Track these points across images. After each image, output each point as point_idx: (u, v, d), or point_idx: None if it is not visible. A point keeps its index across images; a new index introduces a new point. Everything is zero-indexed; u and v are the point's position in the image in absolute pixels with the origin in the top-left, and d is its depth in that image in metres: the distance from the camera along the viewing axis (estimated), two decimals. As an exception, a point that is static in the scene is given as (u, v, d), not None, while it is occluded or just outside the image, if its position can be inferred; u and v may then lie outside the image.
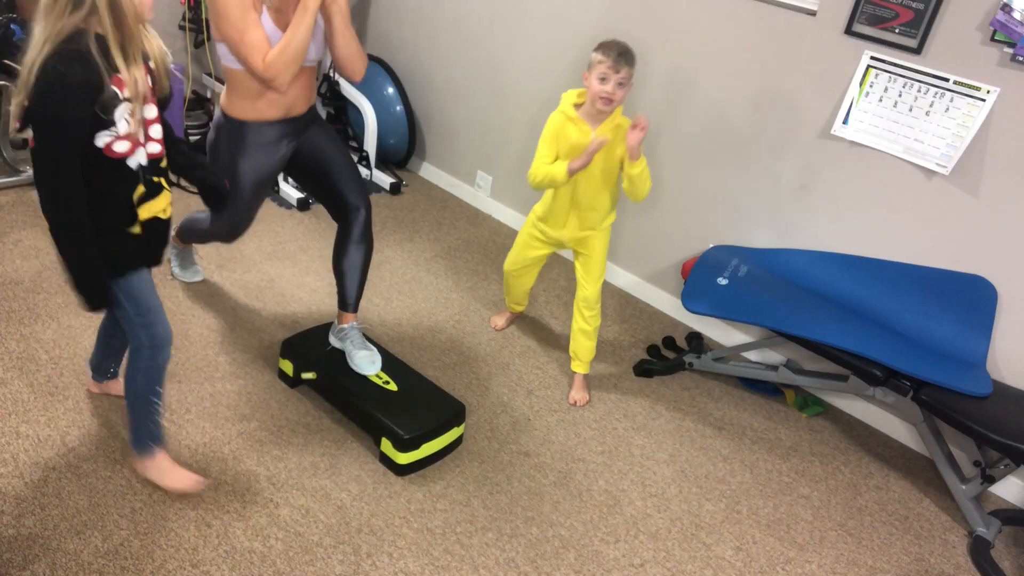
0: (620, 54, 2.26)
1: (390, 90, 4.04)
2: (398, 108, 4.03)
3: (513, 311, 3.03)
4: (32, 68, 1.46)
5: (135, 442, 1.95)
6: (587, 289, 2.60)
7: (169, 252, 2.67)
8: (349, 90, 4.01)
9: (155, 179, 1.75)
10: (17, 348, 2.39)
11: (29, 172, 3.34)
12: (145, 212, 1.75)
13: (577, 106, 2.38)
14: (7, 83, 3.17)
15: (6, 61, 3.08)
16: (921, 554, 2.27)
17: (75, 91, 1.49)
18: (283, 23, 2.09)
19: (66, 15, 1.46)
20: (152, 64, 1.67)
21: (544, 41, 3.46)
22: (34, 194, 3.25)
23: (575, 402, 2.66)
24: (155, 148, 1.72)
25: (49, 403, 2.21)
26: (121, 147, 1.63)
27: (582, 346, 2.65)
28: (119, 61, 1.53)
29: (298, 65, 2.09)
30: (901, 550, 2.27)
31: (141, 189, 1.72)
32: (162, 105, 1.74)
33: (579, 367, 2.68)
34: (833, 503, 2.41)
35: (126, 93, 1.57)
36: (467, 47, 3.81)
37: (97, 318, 2.54)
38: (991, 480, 2.39)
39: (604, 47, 2.27)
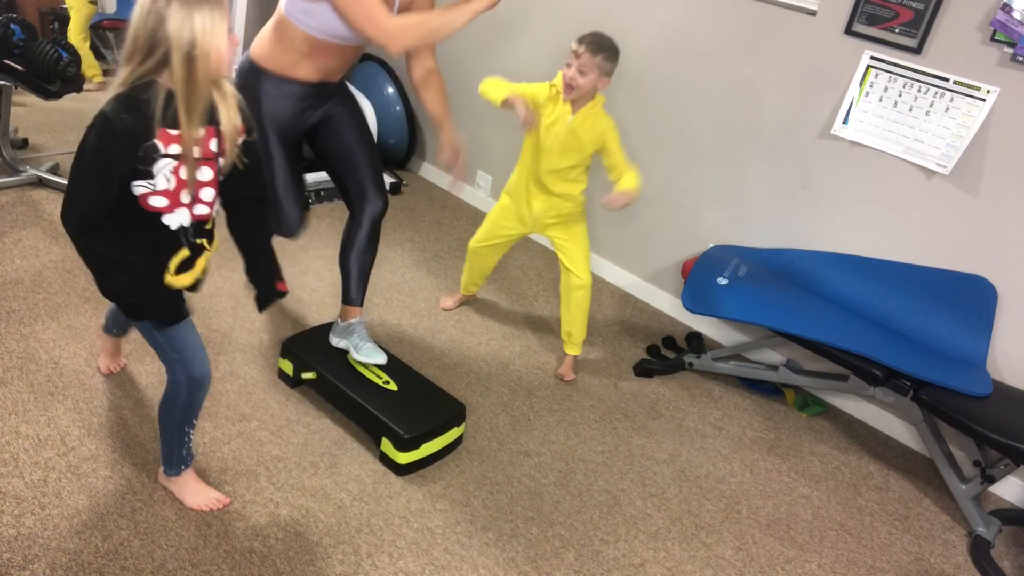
0: (584, 40, 2.34)
1: (390, 90, 4.04)
2: (398, 108, 4.03)
3: (466, 293, 3.06)
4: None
5: (165, 462, 1.95)
6: (580, 278, 2.64)
7: None
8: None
9: (199, 241, 1.71)
10: (17, 348, 2.39)
11: (29, 172, 3.33)
12: (177, 282, 1.71)
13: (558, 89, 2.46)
14: (7, 83, 3.17)
15: (6, 61, 3.08)
16: (921, 554, 2.27)
17: (116, 136, 1.47)
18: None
19: (137, 64, 1.46)
20: (222, 127, 1.59)
21: (544, 41, 3.46)
22: (35, 193, 3.26)
23: (562, 376, 2.75)
24: (203, 211, 1.67)
25: (49, 403, 2.21)
26: (157, 202, 1.57)
27: (577, 326, 2.71)
28: (181, 117, 1.49)
29: (425, 42, 2.08)
30: (901, 550, 2.27)
31: (185, 253, 1.68)
32: (225, 171, 1.67)
33: (573, 349, 2.75)
34: (833, 503, 2.41)
35: (172, 150, 1.52)
36: (467, 47, 3.81)
37: (97, 318, 2.55)
38: (991, 480, 2.39)
39: (581, 36, 2.36)
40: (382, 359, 2.36)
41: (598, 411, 2.63)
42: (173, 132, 1.52)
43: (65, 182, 3.24)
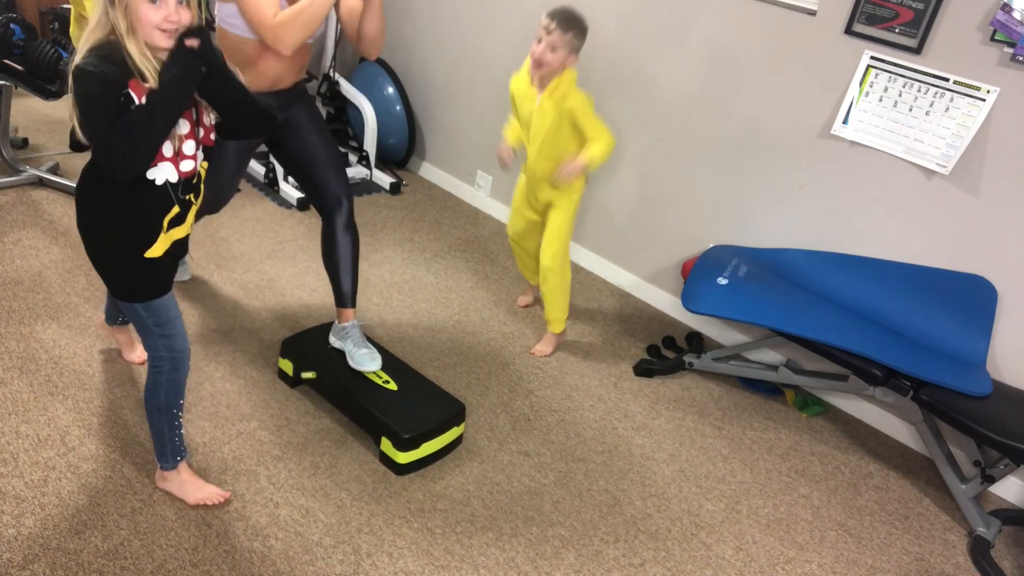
0: (554, 16, 2.34)
1: (390, 90, 4.04)
2: (398, 108, 4.03)
3: (532, 283, 3.10)
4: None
5: (160, 457, 1.95)
6: (544, 259, 2.69)
7: None
8: (349, 90, 4.01)
9: (187, 196, 1.73)
10: (17, 348, 2.39)
11: (29, 172, 3.34)
12: (169, 239, 1.74)
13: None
14: (7, 83, 3.17)
15: (6, 61, 3.08)
16: (921, 554, 2.27)
17: (100, 79, 1.50)
18: None
19: (93, 26, 1.53)
20: None
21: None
22: (35, 193, 3.26)
23: (535, 352, 2.84)
24: (188, 166, 1.69)
25: (49, 403, 2.21)
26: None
27: (551, 306, 2.79)
28: (139, 71, 1.54)
29: (307, 35, 2.07)
30: (901, 550, 2.27)
31: (176, 210, 1.70)
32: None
33: (550, 327, 2.84)
34: (833, 503, 2.41)
35: (145, 100, 1.55)
36: (467, 47, 3.81)
37: (96, 317, 2.54)
38: (991, 480, 2.39)
39: (549, 11, 2.37)
40: (375, 367, 2.36)
41: (598, 411, 2.63)
42: (145, 84, 1.55)
43: (66, 182, 3.26)
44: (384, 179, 4.04)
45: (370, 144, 3.98)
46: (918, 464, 2.67)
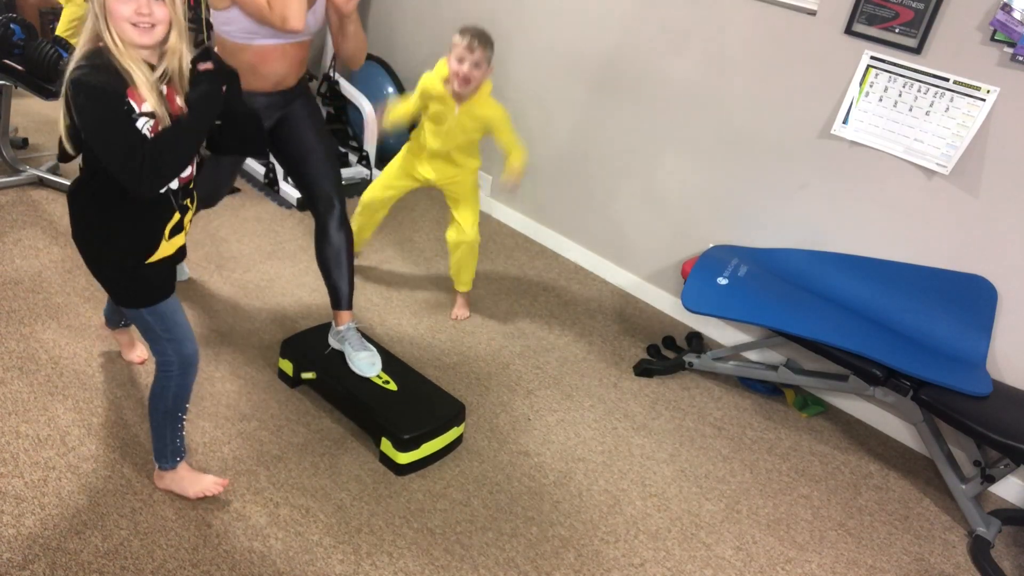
0: (475, 36, 2.49)
1: (390, 90, 4.04)
2: (398, 108, 4.03)
3: (359, 248, 3.14)
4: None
5: (159, 457, 1.95)
6: (467, 232, 2.84)
7: None
8: (349, 90, 4.01)
9: (184, 201, 1.73)
10: (17, 348, 2.39)
11: (29, 172, 3.34)
12: (171, 247, 1.74)
13: (445, 81, 2.57)
14: (7, 83, 3.17)
15: (6, 61, 3.08)
16: (921, 554, 2.27)
17: (98, 89, 1.49)
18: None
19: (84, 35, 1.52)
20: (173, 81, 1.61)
21: (543, 41, 3.46)
22: (35, 193, 3.26)
23: (456, 317, 2.98)
24: (187, 171, 1.69)
25: (49, 403, 2.21)
26: None
27: (464, 271, 2.95)
28: (129, 79, 1.52)
29: (306, 7, 2.08)
30: (901, 550, 2.27)
31: (176, 217, 1.70)
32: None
33: (461, 287, 2.99)
34: (833, 503, 2.41)
35: (146, 108, 1.53)
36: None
37: (96, 317, 2.54)
38: (991, 480, 2.39)
39: (462, 30, 2.52)
40: (374, 372, 2.36)
41: (598, 411, 2.63)
42: (136, 92, 1.54)
43: (66, 182, 3.26)
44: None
45: (370, 144, 3.98)
46: (918, 464, 2.67)
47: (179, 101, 1.62)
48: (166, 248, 1.73)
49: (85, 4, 4.29)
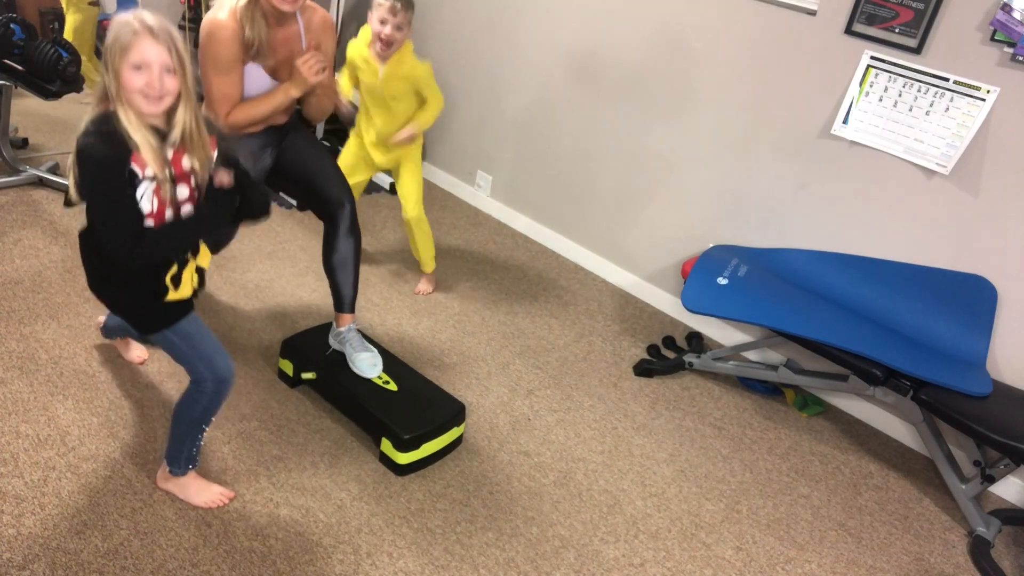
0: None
1: (390, 90, 4.04)
2: (398, 108, 4.03)
3: None
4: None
5: (172, 462, 1.95)
6: (407, 211, 2.94)
7: None
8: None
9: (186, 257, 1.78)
10: (17, 348, 2.39)
11: (29, 172, 3.34)
12: (184, 290, 1.77)
13: (369, 45, 2.66)
14: (7, 83, 3.17)
15: (6, 61, 3.08)
16: (921, 554, 2.27)
17: (100, 162, 1.55)
18: (269, 69, 2.28)
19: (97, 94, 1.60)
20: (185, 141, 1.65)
21: (543, 41, 3.46)
22: (35, 193, 3.26)
23: (419, 292, 3.10)
24: None
25: (49, 403, 2.21)
26: (146, 224, 1.63)
27: (422, 250, 3.05)
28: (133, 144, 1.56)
29: (248, 124, 2.28)
30: (901, 550, 2.27)
31: (174, 269, 1.73)
32: (204, 189, 1.72)
33: (425, 267, 3.11)
34: (833, 503, 2.41)
35: (149, 172, 1.57)
36: (467, 47, 3.81)
37: (97, 317, 2.54)
38: (991, 480, 2.39)
39: None
40: (375, 374, 2.36)
41: (598, 411, 2.63)
42: (140, 156, 1.58)
43: (65, 181, 3.26)
44: (384, 179, 4.04)
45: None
46: (918, 464, 2.67)
47: (185, 163, 1.65)
48: (179, 293, 1.77)
49: (87, 10, 4.32)
